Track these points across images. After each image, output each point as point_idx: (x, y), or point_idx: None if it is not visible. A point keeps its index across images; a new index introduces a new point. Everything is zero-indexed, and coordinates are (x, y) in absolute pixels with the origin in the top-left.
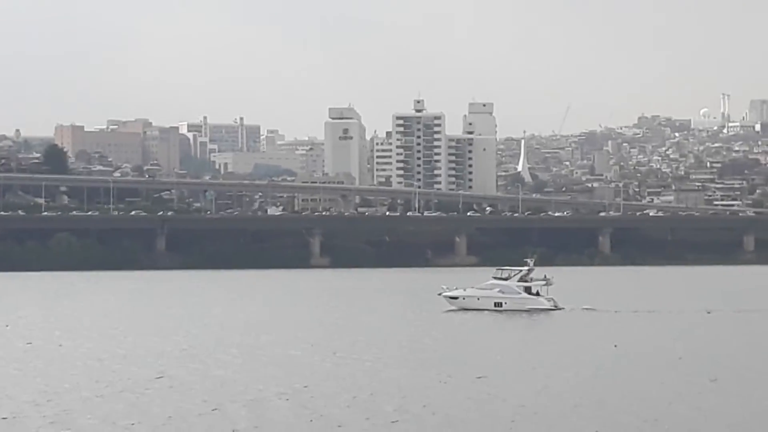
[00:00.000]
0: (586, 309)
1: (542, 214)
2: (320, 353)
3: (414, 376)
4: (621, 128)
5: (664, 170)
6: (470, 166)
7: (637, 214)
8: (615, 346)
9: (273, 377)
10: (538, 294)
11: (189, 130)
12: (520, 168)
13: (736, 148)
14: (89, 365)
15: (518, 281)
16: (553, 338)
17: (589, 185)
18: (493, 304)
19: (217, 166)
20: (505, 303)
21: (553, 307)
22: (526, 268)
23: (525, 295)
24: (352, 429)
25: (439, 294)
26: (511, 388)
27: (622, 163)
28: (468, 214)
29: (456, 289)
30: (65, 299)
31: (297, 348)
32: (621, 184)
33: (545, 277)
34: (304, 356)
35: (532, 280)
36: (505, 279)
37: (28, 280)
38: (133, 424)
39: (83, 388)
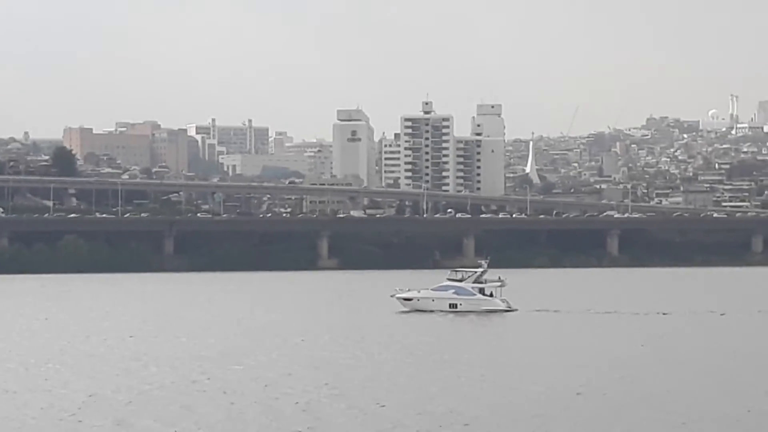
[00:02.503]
0: (539, 311)
1: (554, 214)
2: (348, 352)
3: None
4: (629, 129)
5: (672, 171)
6: (478, 167)
7: (646, 215)
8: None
9: (315, 378)
10: (491, 295)
11: (197, 132)
12: (528, 169)
13: (745, 150)
14: (130, 367)
15: (473, 283)
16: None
17: (598, 187)
18: (447, 306)
19: (225, 168)
20: (460, 304)
21: (507, 309)
22: (480, 269)
23: (480, 296)
24: (406, 428)
25: (392, 296)
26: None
27: (630, 165)
28: (476, 215)
29: (409, 290)
30: (83, 301)
31: (327, 349)
32: (629, 186)
33: (499, 278)
34: (338, 357)
35: (486, 281)
36: (460, 280)
37: (38, 282)
38: (199, 428)
39: (134, 389)
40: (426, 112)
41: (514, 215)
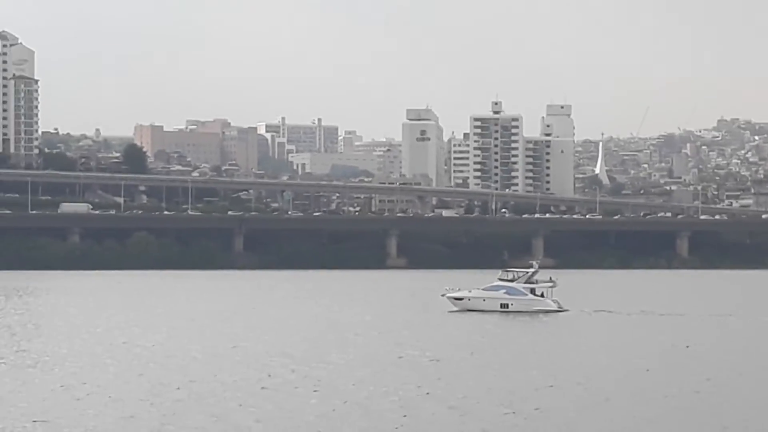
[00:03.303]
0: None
1: (619, 216)
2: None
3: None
4: (700, 131)
5: (743, 173)
6: (548, 168)
7: (716, 217)
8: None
9: (398, 377)
10: (542, 296)
11: (267, 131)
12: (597, 170)
13: None
14: (214, 363)
15: (524, 283)
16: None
17: (668, 188)
18: (499, 305)
19: (294, 167)
20: (512, 304)
21: (558, 309)
22: (531, 269)
23: (531, 296)
24: (498, 427)
25: (443, 295)
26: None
27: (700, 166)
28: (545, 216)
29: (459, 290)
30: (158, 298)
31: (404, 351)
32: (699, 187)
33: (550, 278)
34: (411, 357)
35: (537, 281)
36: (511, 280)
37: (109, 279)
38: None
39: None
40: (495, 112)
41: (583, 216)
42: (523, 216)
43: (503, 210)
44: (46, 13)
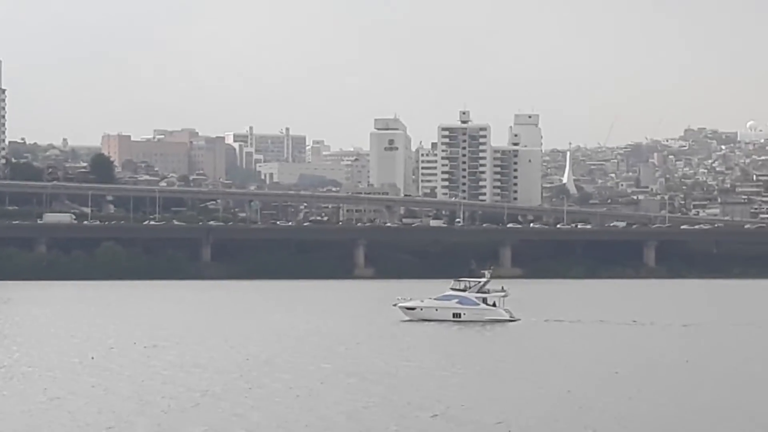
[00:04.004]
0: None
1: (587, 226)
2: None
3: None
4: (667, 140)
5: (710, 183)
6: (515, 177)
7: (682, 227)
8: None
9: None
10: (494, 305)
11: (235, 140)
12: (565, 180)
13: None
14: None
15: (476, 292)
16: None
17: (635, 197)
18: (451, 315)
19: (262, 177)
20: (464, 314)
21: (509, 318)
22: (483, 279)
23: (483, 306)
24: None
25: (394, 305)
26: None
27: (667, 176)
28: (513, 225)
29: (411, 299)
30: (123, 309)
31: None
32: (667, 197)
33: (502, 288)
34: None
35: (489, 291)
36: (463, 290)
37: (77, 289)
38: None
39: (181, 396)
40: (463, 122)
41: (551, 225)
42: (489, 225)
43: (457, 221)
44: (13, 21)
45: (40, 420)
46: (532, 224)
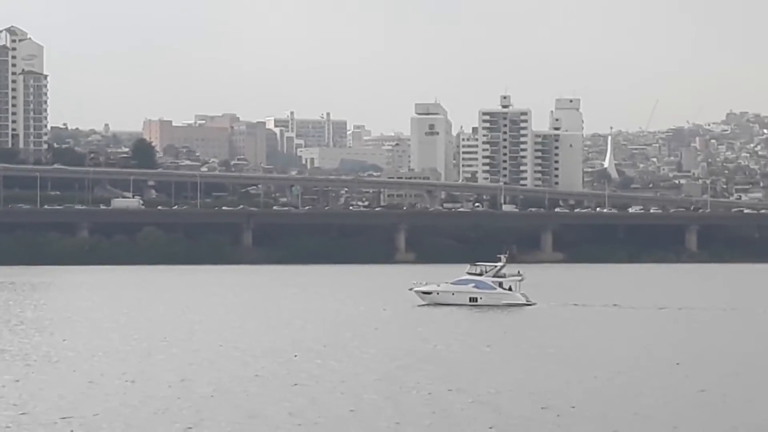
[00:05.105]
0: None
1: (629, 210)
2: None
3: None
4: (709, 125)
5: (752, 167)
6: (556, 162)
7: (720, 210)
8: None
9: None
10: (510, 289)
11: (276, 125)
12: (606, 164)
13: None
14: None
15: (492, 277)
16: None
17: (677, 182)
18: (468, 299)
19: (303, 161)
20: (481, 298)
21: (526, 303)
22: (499, 263)
23: (500, 290)
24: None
25: (410, 289)
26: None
27: (709, 160)
28: (554, 210)
29: (427, 284)
30: (169, 293)
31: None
32: (708, 181)
33: (518, 272)
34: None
35: (505, 275)
36: (479, 274)
37: (119, 274)
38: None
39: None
40: (504, 106)
41: (592, 210)
42: (532, 210)
43: (475, 205)
44: (55, 8)
45: (88, 403)
46: (573, 209)
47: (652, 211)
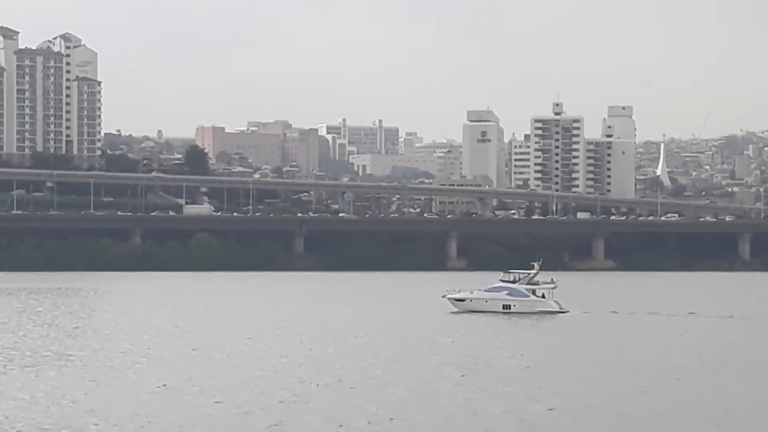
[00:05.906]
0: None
1: (681, 218)
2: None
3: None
4: (763, 132)
5: None
6: (609, 169)
7: None
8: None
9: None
10: (544, 297)
11: (328, 132)
12: (659, 172)
13: None
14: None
15: (526, 284)
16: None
17: (730, 190)
18: (501, 307)
19: (355, 168)
20: (514, 306)
21: (559, 310)
22: (533, 271)
23: (533, 297)
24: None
25: (443, 296)
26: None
27: (763, 168)
28: (606, 217)
29: (460, 291)
30: (224, 299)
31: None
32: (762, 189)
33: (552, 279)
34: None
35: (538, 283)
36: (513, 282)
37: (172, 280)
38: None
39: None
40: (556, 114)
41: (645, 218)
42: (583, 217)
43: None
44: (109, 15)
45: (159, 409)
46: (625, 216)
47: (704, 219)
